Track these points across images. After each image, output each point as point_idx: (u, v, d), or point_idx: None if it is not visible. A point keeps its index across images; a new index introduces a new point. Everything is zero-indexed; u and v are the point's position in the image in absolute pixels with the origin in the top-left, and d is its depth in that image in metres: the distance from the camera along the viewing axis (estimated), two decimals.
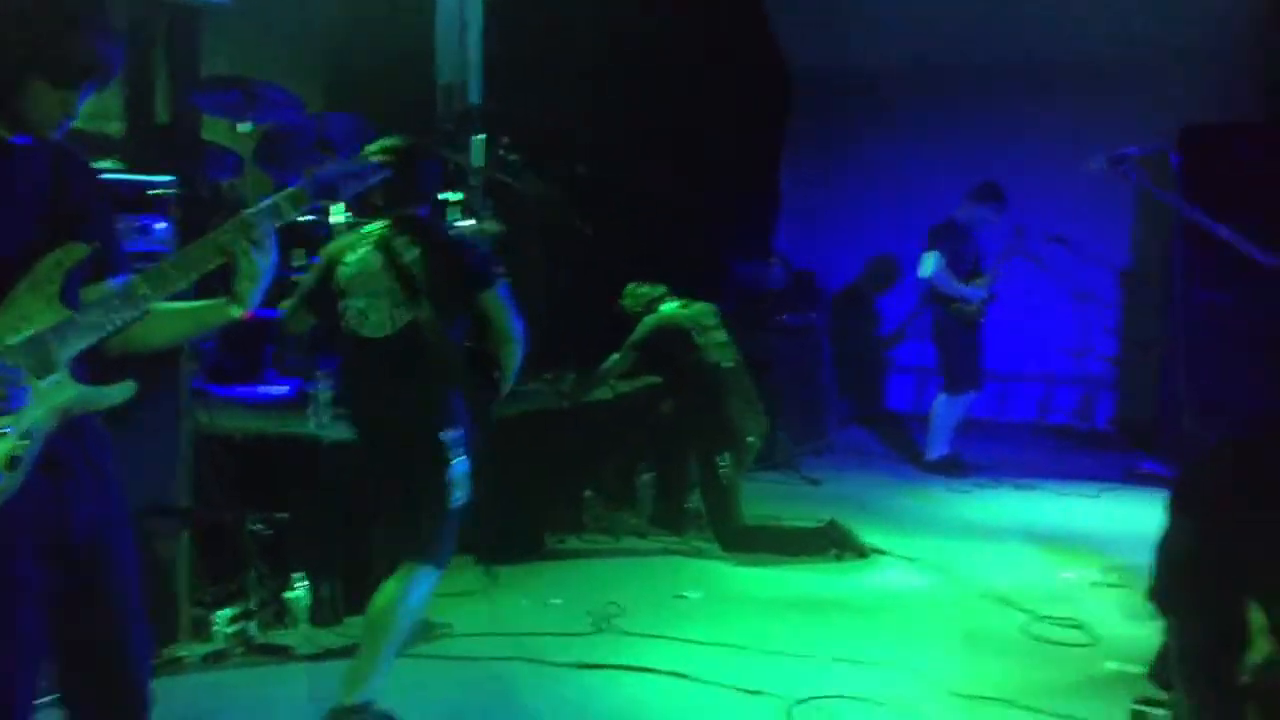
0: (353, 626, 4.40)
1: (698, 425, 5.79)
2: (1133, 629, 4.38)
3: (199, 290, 2.33)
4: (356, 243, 3.65)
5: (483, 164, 6.39)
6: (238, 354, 5.54)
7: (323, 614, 4.43)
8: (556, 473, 5.85)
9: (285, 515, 4.40)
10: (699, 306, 6.05)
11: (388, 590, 3.45)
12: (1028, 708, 3.79)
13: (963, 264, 7.49)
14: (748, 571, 5.35)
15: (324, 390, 4.80)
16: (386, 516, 4.14)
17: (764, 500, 6.31)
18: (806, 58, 9.97)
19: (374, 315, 3.52)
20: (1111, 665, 4.16)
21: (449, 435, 3.47)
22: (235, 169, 5.72)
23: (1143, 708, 3.49)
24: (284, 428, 4.67)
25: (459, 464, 3.47)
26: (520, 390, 6.02)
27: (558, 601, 4.86)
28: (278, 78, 5.86)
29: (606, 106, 7.65)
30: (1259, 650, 1.52)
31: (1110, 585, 5.11)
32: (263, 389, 5.70)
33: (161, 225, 4.12)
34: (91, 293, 2.24)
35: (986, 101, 9.23)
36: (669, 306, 6.01)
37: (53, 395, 2.12)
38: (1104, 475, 7.37)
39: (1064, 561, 5.51)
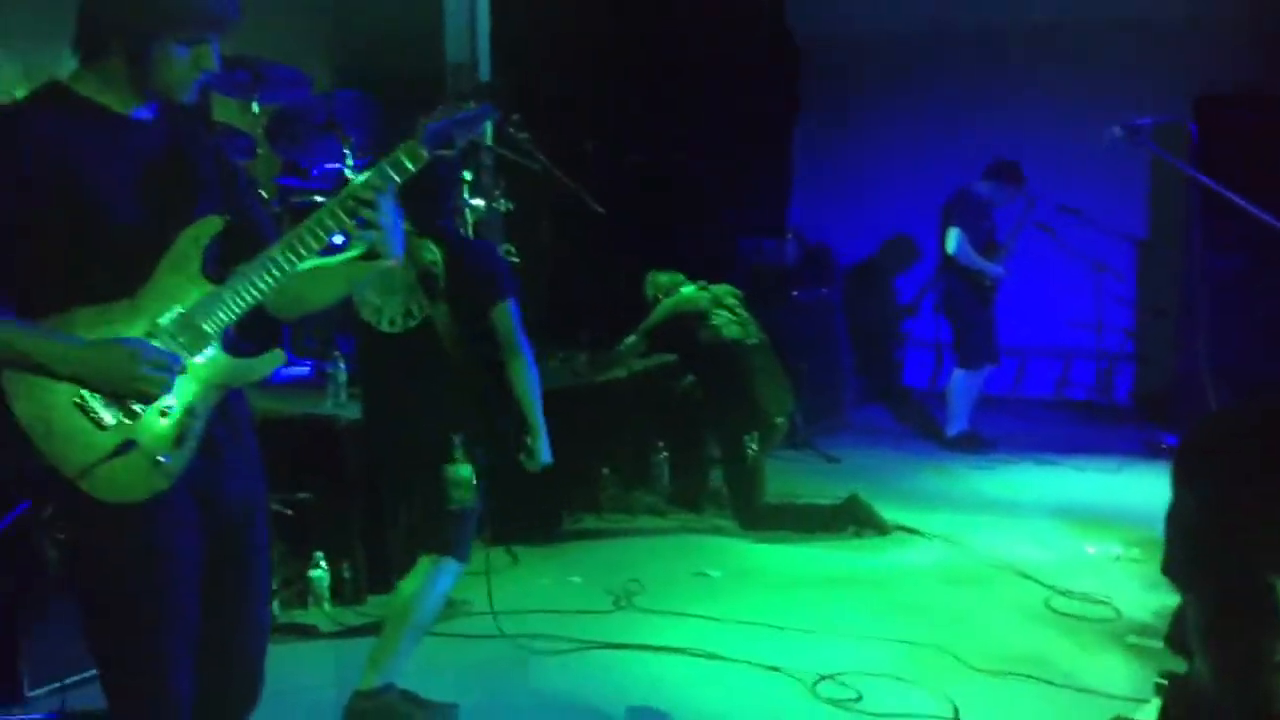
0: (375, 605, 4.42)
1: (722, 405, 5.75)
2: (1156, 602, 4.35)
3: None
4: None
5: (492, 142, 6.36)
6: (255, 335, 5.52)
7: (344, 593, 4.43)
8: (573, 451, 5.79)
9: (305, 495, 4.40)
10: (719, 288, 6.02)
11: (410, 582, 3.50)
12: (1051, 682, 3.78)
13: (979, 237, 7.45)
14: (768, 549, 5.33)
15: (342, 370, 4.79)
16: (403, 508, 4.16)
17: (783, 478, 6.28)
18: (816, 28, 9.87)
19: (389, 311, 3.52)
20: (1134, 639, 4.14)
21: (455, 437, 3.45)
22: (248, 150, 5.68)
23: (1166, 681, 3.46)
24: (303, 408, 4.66)
25: (462, 468, 3.45)
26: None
27: (577, 580, 4.86)
28: (285, 57, 5.83)
29: (615, 82, 7.61)
30: None
31: (1132, 559, 5.08)
32: (281, 369, 5.68)
33: None
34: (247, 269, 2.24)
35: (999, 70, 9.14)
36: (687, 289, 5.98)
37: (208, 371, 2.15)
38: (1124, 449, 7.32)
39: (1086, 536, 5.48)
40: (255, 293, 2.17)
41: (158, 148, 2.17)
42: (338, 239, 2.28)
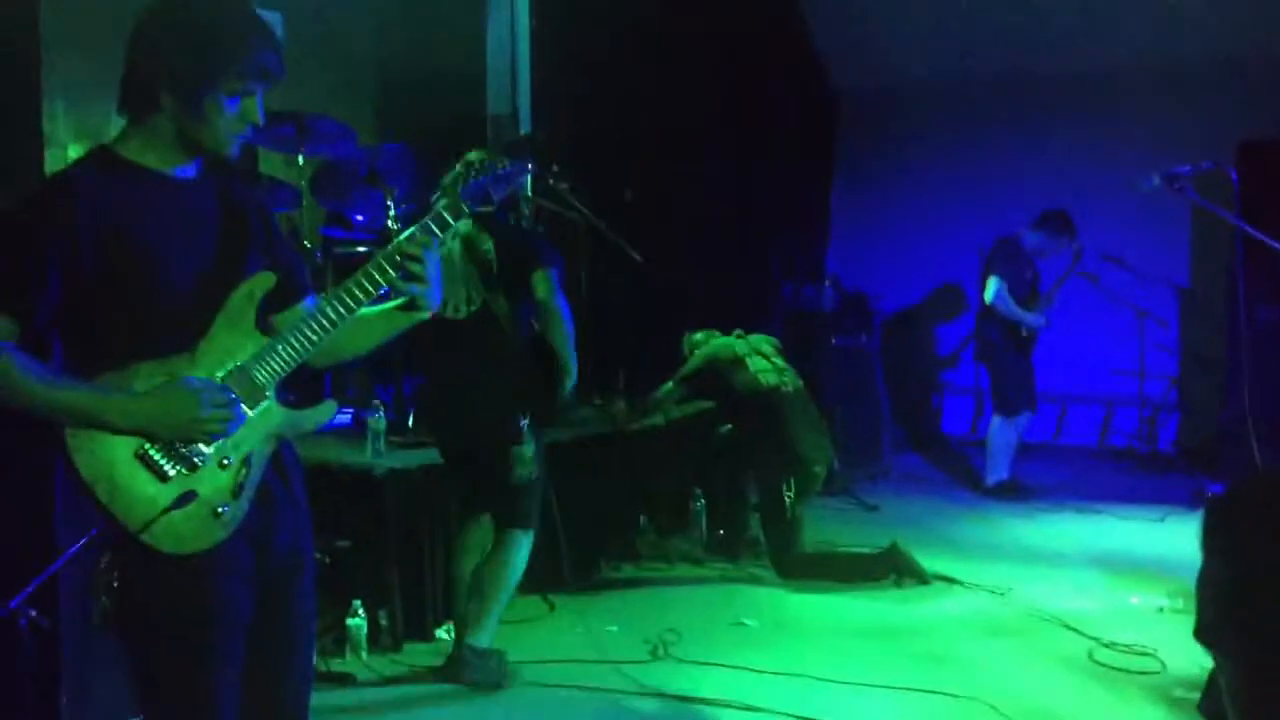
0: (411, 653, 4.43)
1: (760, 452, 5.71)
2: (1201, 655, 4.26)
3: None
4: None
5: (532, 192, 6.43)
6: (297, 384, 5.59)
7: (381, 641, 4.45)
8: (610, 499, 5.83)
9: (344, 543, 4.43)
10: (756, 337, 6.03)
11: (492, 557, 4.05)
12: None
13: (1021, 287, 7.41)
14: (806, 598, 5.29)
15: (381, 419, 4.84)
16: (471, 485, 4.41)
17: (821, 525, 6.25)
18: (851, 78, 9.95)
19: (453, 299, 3.91)
20: (1180, 692, 4.06)
21: (517, 416, 3.94)
22: (293, 202, 5.79)
23: None
24: (342, 456, 4.71)
25: (527, 446, 3.97)
26: (570, 416, 6.04)
27: (614, 629, 4.84)
28: (330, 110, 5.94)
29: (655, 132, 7.67)
30: None
31: (1177, 611, 4.99)
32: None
33: None
34: (286, 318, 2.32)
35: (1037, 117, 9.15)
36: (722, 340, 5.99)
37: (264, 422, 2.20)
38: (1168, 499, 7.22)
39: (1130, 586, 5.40)
40: (307, 345, 2.22)
41: (204, 206, 2.22)
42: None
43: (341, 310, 2.23)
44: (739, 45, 8.48)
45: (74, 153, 5.59)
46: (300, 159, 5.71)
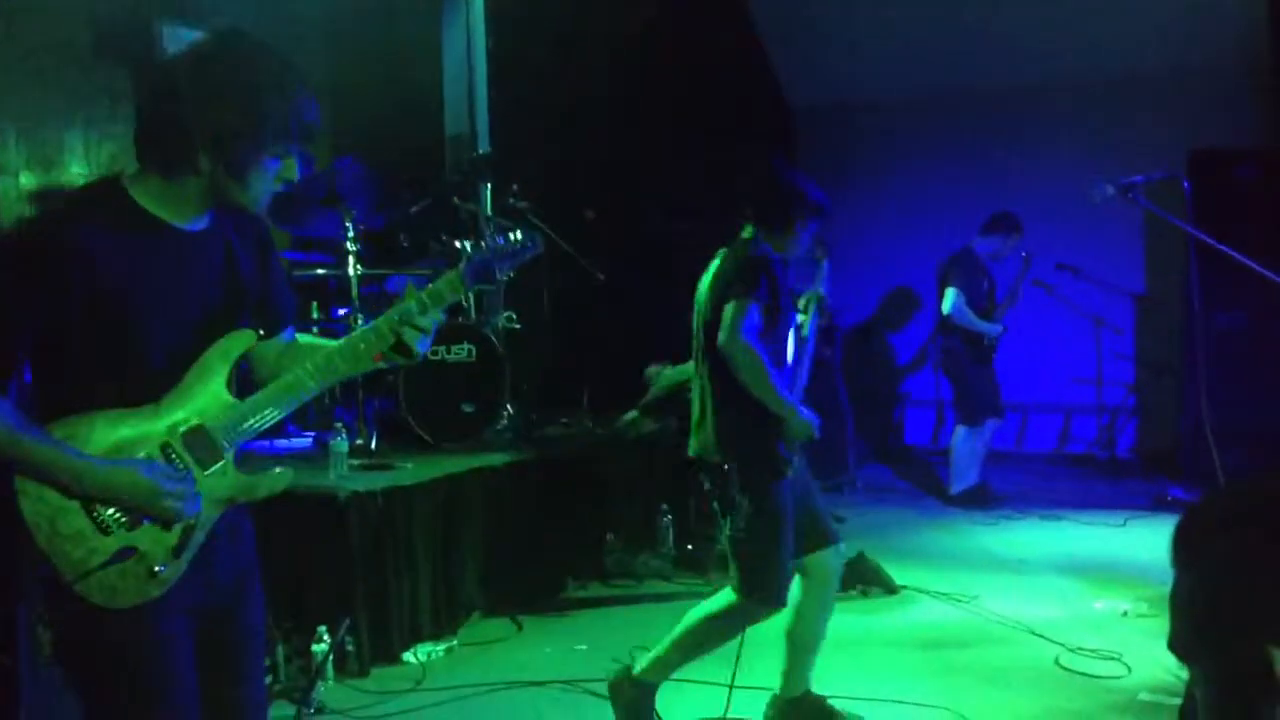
0: (378, 678, 4.38)
1: None
2: (1166, 658, 4.30)
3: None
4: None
5: (491, 211, 6.43)
6: None
7: (348, 666, 4.40)
8: (576, 518, 5.82)
9: (307, 568, 4.39)
10: None
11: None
12: None
13: (979, 297, 7.47)
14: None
15: (343, 442, 4.80)
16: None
17: None
18: (808, 96, 10.03)
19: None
20: (1146, 695, 4.10)
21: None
22: None
23: None
24: (305, 480, 4.66)
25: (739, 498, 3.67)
26: (536, 436, 6.03)
27: (582, 648, 4.82)
28: None
29: (614, 151, 7.69)
30: None
31: (1140, 615, 5.04)
32: (282, 442, 5.70)
33: None
34: (261, 351, 2.29)
35: (992, 131, 9.25)
36: (685, 366, 6.00)
37: (215, 484, 2.14)
38: (1128, 503, 7.30)
39: (1095, 592, 5.44)
40: (275, 413, 2.20)
41: (207, 258, 2.16)
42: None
43: (322, 380, 2.23)
44: (696, 64, 8.52)
45: (25, 180, 5.53)
46: None
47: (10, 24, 5.47)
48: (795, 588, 3.84)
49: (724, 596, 3.77)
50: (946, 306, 7.39)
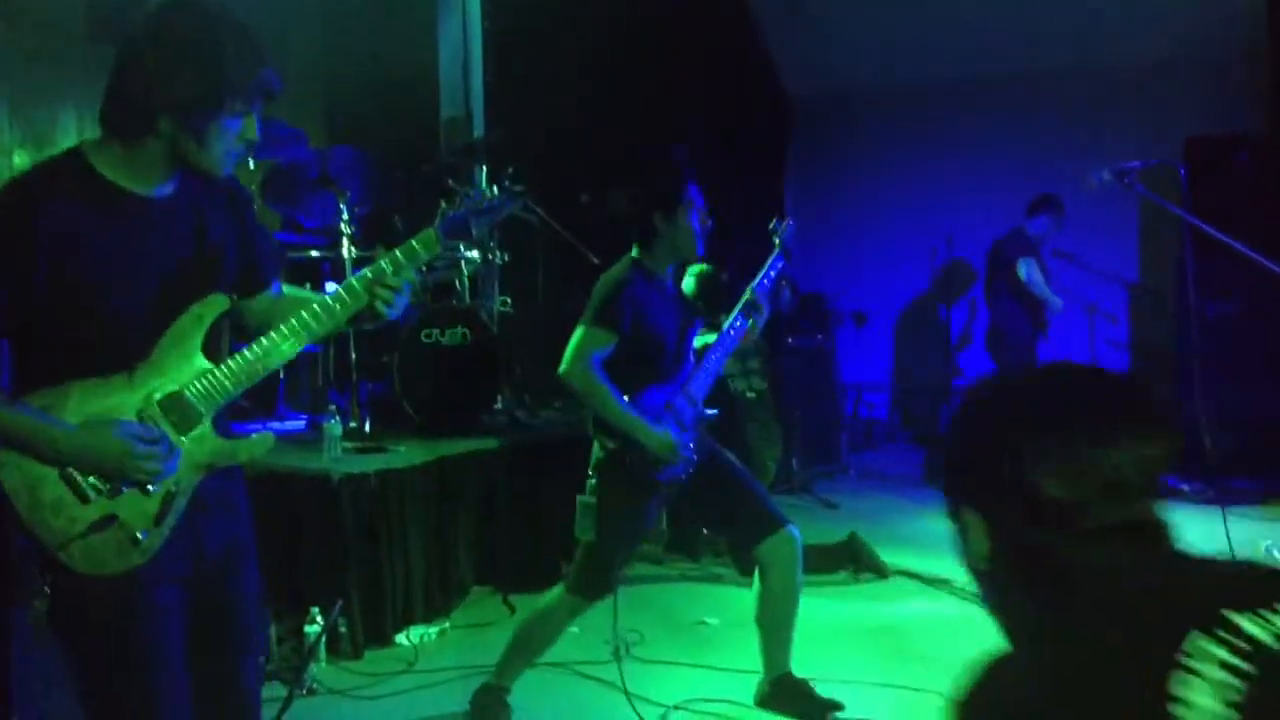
0: (372, 660, 4.39)
1: None
2: None
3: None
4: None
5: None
6: (251, 390, 5.55)
7: (341, 648, 4.40)
8: (570, 501, 5.80)
9: (301, 550, 4.39)
10: None
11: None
12: None
13: (1044, 271, 7.55)
14: None
15: (336, 424, 4.80)
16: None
17: None
18: (803, 84, 10.01)
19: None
20: None
21: None
22: None
23: None
24: (298, 462, 4.66)
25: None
26: (530, 420, 6.03)
27: (575, 630, 4.79)
28: (280, 114, 5.89)
29: (610, 135, 7.67)
30: None
31: None
32: (276, 424, 5.69)
33: None
34: (252, 306, 2.33)
35: (985, 118, 9.25)
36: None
37: (195, 449, 2.14)
38: None
39: None
40: (252, 377, 2.19)
41: (175, 224, 2.15)
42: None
43: (295, 343, 2.22)
44: (692, 51, 8.50)
45: (19, 159, 5.51)
46: (251, 163, 5.66)
47: (4, 3, 5.45)
48: (755, 579, 3.83)
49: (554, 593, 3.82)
50: (1022, 274, 7.43)
